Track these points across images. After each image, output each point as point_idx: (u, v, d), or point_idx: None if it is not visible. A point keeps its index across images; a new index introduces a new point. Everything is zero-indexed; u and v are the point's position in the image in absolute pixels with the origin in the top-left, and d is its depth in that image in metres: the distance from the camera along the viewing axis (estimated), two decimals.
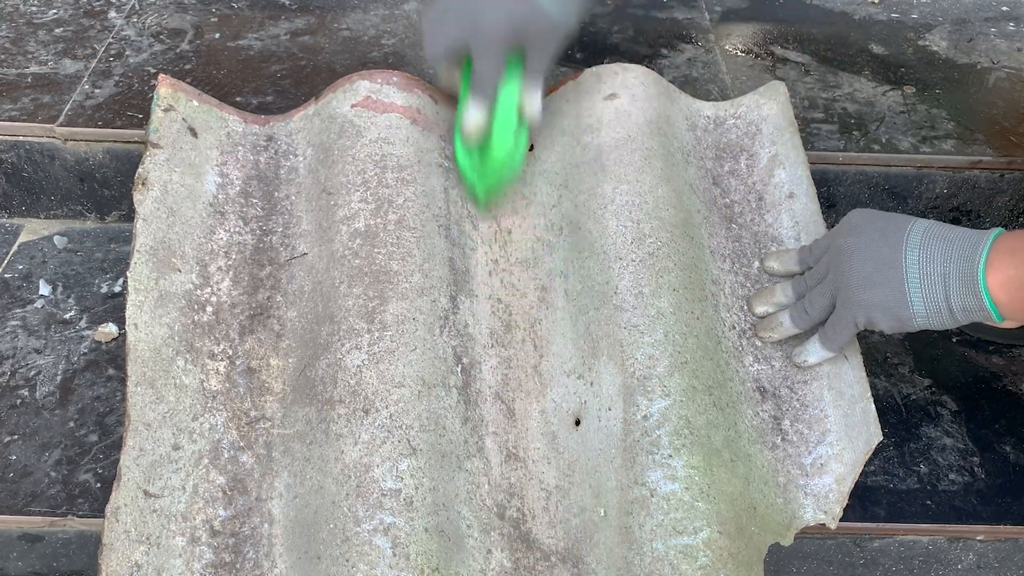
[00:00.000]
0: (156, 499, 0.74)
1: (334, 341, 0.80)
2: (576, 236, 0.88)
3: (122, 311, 0.91)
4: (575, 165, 0.92)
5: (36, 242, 1.02)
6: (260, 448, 0.79)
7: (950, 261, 0.73)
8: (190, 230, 0.87)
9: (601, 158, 0.90)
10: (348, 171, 0.89)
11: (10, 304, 0.95)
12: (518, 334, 0.87)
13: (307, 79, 1.04)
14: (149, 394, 0.77)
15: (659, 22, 1.18)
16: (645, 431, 0.76)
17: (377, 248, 0.84)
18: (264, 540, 0.75)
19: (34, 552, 0.81)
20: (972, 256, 0.72)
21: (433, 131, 0.94)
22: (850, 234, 0.78)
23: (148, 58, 1.08)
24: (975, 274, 0.71)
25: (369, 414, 0.75)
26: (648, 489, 0.74)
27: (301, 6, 1.17)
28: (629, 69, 0.96)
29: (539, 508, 0.78)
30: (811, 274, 0.82)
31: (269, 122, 0.98)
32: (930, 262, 0.73)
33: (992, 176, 1.04)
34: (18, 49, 1.09)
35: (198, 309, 0.84)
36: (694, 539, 0.71)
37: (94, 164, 0.99)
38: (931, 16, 1.25)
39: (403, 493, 0.72)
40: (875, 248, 0.76)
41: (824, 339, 0.80)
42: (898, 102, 1.09)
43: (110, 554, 0.70)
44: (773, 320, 0.84)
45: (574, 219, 0.89)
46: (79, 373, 0.88)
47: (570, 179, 0.92)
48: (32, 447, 0.82)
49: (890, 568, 0.88)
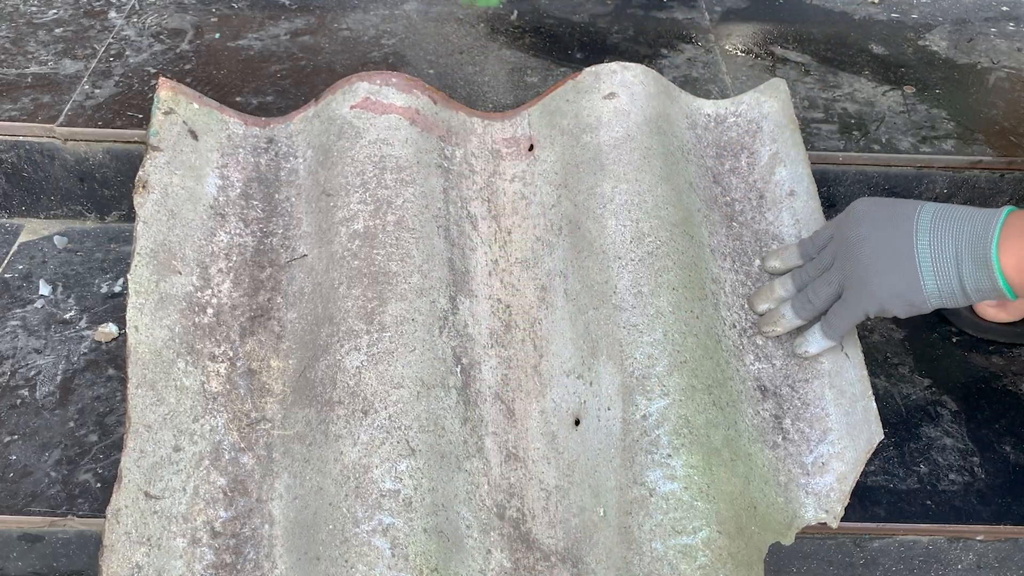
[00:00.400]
0: (157, 500, 0.74)
1: (333, 342, 0.80)
2: (575, 236, 0.88)
3: (122, 311, 0.91)
4: (574, 164, 0.92)
5: (36, 242, 1.02)
6: (260, 449, 0.80)
7: (961, 243, 0.72)
8: (191, 232, 0.87)
9: (600, 157, 0.90)
10: (347, 172, 0.89)
11: (10, 304, 0.95)
12: (518, 334, 0.87)
13: (307, 79, 1.04)
14: (150, 396, 0.78)
15: (659, 22, 1.18)
16: (644, 431, 0.76)
17: (376, 249, 0.84)
18: (264, 541, 0.75)
19: (34, 552, 0.81)
20: (984, 237, 0.71)
21: (432, 132, 0.94)
22: (858, 224, 0.78)
23: (148, 58, 1.08)
24: (988, 256, 0.71)
25: (368, 415, 0.75)
26: (647, 489, 0.74)
27: (301, 6, 1.18)
28: (628, 68, 0.96)
29: (539, 508, 0.78)
30: (814, 264, 0.82)
31: (269, 124, 0.98)
32: (941, 246, 0.73)
33: (992, 176, 1.03)
34: (18, 49, 1.09)
35: (199, 311, 0.84)
36: (693, 539, 0.71)
37: (94, 164, 1.00)
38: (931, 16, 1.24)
39: (402, 494, 0.72)
40: (885, 236, 0.75)
41: (827, 327, 0.80)
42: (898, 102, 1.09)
43: (111, 555, 0.70)
44: (775, 314, 0.84)
45: (573, 218, 0.89)
46: (79, 373, 0.89)
47: (569, 178, 0.92)
48: (32, 447, 0.83)
49: (890, 568, 0.88)
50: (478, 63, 1.08)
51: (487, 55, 1.09)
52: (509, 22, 1.16)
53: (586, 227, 0.88)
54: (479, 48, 1.11)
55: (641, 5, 1.21)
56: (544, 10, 1.19)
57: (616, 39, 1.09)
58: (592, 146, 0.92)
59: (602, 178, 0.89)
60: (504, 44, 1.12)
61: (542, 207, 0.93)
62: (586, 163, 0.91)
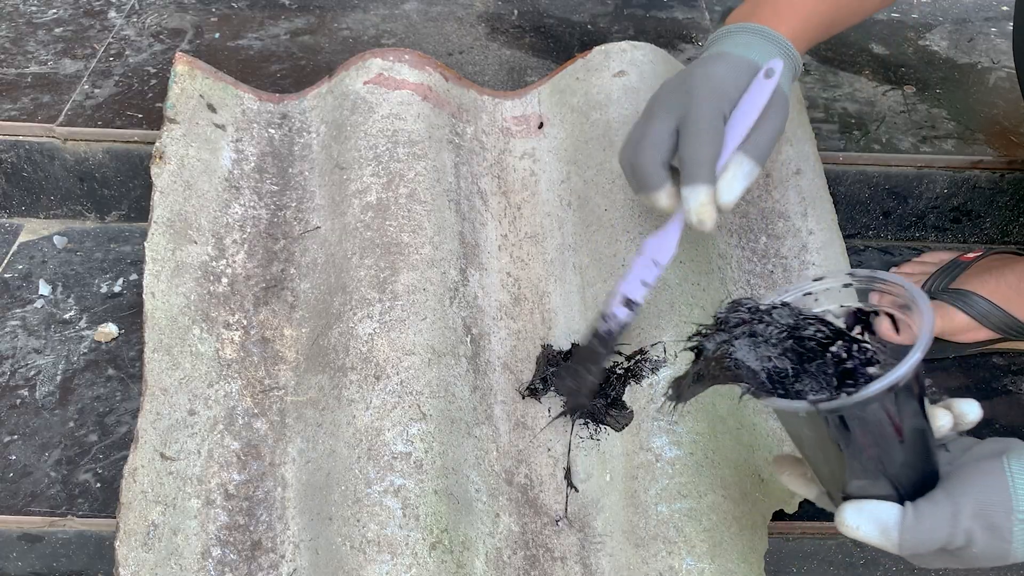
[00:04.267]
0: (172, 462, 0.76)
1: (346, 311, 0.81)
2: (585, 210, 0.90)
3: (122, 311, 0.93)
4: (584, 141, 0.93)
5: (36, 242, 1.01)
6: (274, 415, 0.81)
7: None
8: (206, 204, 0.89)
9: (610, 134, 0.92)
10: (360, 146, 0.91)
11: (10, 304, 0.94)
12: (526, 306, 0.88)
13: (307, 79, 1.03)
14: (166, 360, 0.79)
15: (659, 22, 1.19)
16: (650, 397, 0.77)
17: (388, 221, 0.85)
18: (277, 503, 0.77)
19: (34, 552, 0.81)
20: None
21: (444, 108, 0.96)
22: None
23: (148, 58, 1.08)
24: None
25: (380, 380, 0.77)
26: (653, 454, 0.75)
27: (301, 6, 1.18)
28: (638, 47, 0.97)
29: (546, 475, 0.80)
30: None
31: (283, 100, 1.00)
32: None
33: (992, 176, 1.03)
34: (18, 49, 1.09)
35: (214, 280, 0.86)
36: (698, 503, 0.73)
37: (94, 164, 0.99)
38: (931, 16, 1.25)
39: (413, 456, 0.73)
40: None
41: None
42: (898, 102, 1.09)
43: (127, 513, 0.72)
44: None
45: (583, 194, 0.91)
46: (79, 373, 0.88)
47: (579, 155, 0.93)
48: (32, 447, 0.82)
49: (890, 568, 0.88)
50: (478, 63, 1.08)
51: (487, 55, 1.10)
52: (509, 22, 1.17)
53: (595, 202, 0.89)
54: (479, 48, 1.11)
55: (641, 5, 1.22)
56: (544, 10, 1.19)
57: (616, 39, 1.09)
58: (602, 123, 0.93)
59: (612, 154, 0.90)
60: (504, 44, 1.13)
61: (551, 183, 0.94)
62: (596, 139, 0.92)
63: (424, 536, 0.70)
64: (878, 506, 0.56)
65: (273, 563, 0.74)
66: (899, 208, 1.06)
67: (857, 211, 1.05)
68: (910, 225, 1.07)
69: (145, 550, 0.71)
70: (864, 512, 0.56)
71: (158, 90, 1.02)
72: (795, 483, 0.62)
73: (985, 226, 1.07)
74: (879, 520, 0.56)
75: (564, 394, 0.81)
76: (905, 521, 0.55)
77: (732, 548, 0.72)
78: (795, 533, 0.83)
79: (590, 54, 0.98)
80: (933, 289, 0.93)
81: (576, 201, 0.91)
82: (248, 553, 0.74)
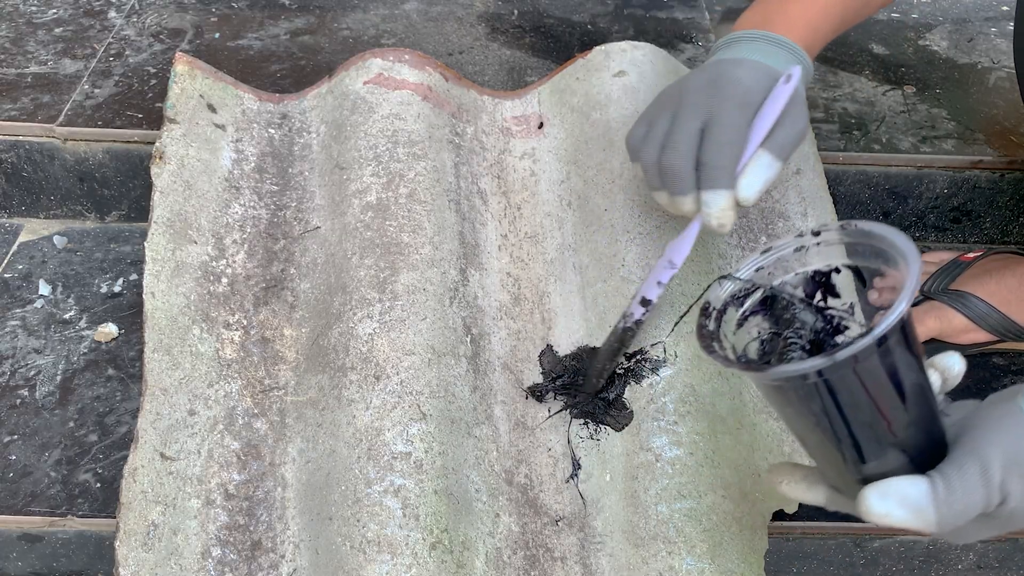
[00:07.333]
0: (172, 462, 0.76)
1: (346, 311, 0.81)
2: (584, 210, 0.90)
3: (122, 311, 0.93)
4: (584, 141, 0.93)
5: (36, 242, 1.01)
6: (274, 415, 0.81)
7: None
8: (206, 204, 0.89)
9: (610, 134, 0.92)
10: (360, 146, 0.91)
11: (10, 304, 0.94)
12: (526, 306, 0.88)
13: (307, 79, 1.03)
14: (166, 360, 0.79)
15: (659, 22, 1.19)
16: (651, 398, 0.77)
17: (388, 220, 0.85)
18: (277, 503, 0.77)
19: (34, 552, 0.81)
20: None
21: (444, 108, 0.96)
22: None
23: (148, 58, 1.08)
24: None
25: (380, 380, 0.77)
26: (653, 454, 0.75)
27: (301, 6, 1.18)
28: (638, 47, 0.97)
29: (546, 475, 0.80)
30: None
31: (283, 100, 1.00)
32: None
33: (993, 176, 1.03)
34: (18, 49, 1.08)
35: (214, 280, 0.86)
36: (698, 503, 0.73)
37: (94, 164, 0.99)
38: (931, 16, 1.25)
39: (413, 456, 0.73)
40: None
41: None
42: (898, 102, 1.09)
43: (127, 513, 0.72)
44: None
45: (583, 194, 0.91)
46: (79, 373, 0.88)
47: (579, 155, 0.93)
48: (32, 447, 0.82)
49: (890, 568, 0.88)
50: (478, 63, 1.08)
51: (487, 55, 1.10)
52: (509, 22, 1.17)
53: (595, 202, 0.89)
54: (479, 48, 1.11)
55: (641, 5, 1.21)
56: (544, 10, 1.19)
57: (616, 39, 1.09)
58: (602, 123, 0.93)
59: (612, 154, 0.90)
60: (504, 44, 1.12)
61: (551, 183, 0.94)
62: (595, 139, 0.92)
63: (424, 536, 0.70)
64: (902, 483, 0.51)
65: (273, 563, 0.74)
66: (899, 208, 1.06)
67: (857, 211, 1.05)
68: (910, 225, 1.07)
69: (145, 550, 0.71)
70: (890, 495, 0.51)
71: (158, 90, 1.02)
72: (797, 490, 0.59)
73: (985, 226, 1.07)
74: (908, 499, 0.50)
75: (577, 395, 0.81)
76: (936, 493, 0.50)
77: (732, 548, 0.72)
78: (795, 533, 0.83)
79: (590, 54, 0.98)
80: (932, 290, 0.93)
81: (576, 201, 0.91)
82: (248, 553, 0.74)
